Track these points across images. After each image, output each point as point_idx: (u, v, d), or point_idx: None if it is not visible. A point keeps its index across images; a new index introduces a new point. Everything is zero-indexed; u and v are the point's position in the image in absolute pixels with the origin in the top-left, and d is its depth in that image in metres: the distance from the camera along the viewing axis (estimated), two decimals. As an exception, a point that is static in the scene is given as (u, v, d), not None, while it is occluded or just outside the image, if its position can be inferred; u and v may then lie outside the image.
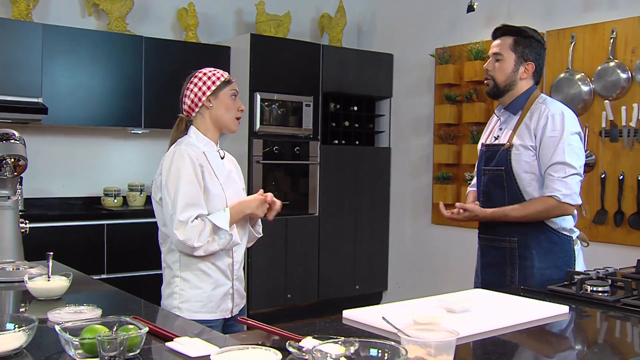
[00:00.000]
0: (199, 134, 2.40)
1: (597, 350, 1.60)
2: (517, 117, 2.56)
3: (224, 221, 2.24)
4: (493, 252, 2.59)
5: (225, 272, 2.35)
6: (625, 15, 4.29)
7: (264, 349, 1.28)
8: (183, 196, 2.22)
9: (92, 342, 1.34)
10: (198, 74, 2.41)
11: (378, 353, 1.31)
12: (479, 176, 2.67)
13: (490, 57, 2.59)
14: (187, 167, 2.25)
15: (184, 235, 2.20)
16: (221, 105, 2.38)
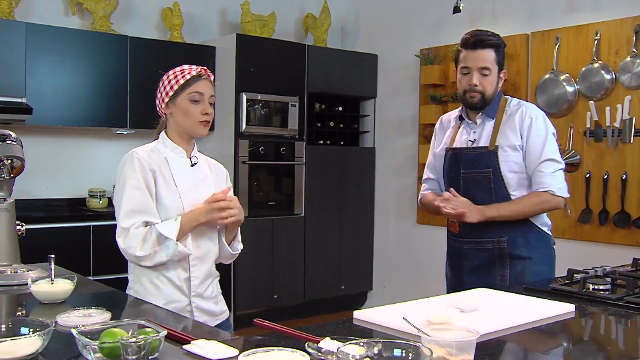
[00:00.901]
0: (166, 138, 2.26)
1: (610, 348, 1.63)
2: (493, 121, 2.60)
3: (171, 230, 2.08)
4: (480, 254, 2.59)
5: (180, 287, 2.17)
6: (608, 17, 4.36)
7: (290, 350, 1.27)
8: (127, 202, 2.10)
9: (112, 346, 1.32)
10: (163, 76, 2.26)
11: (402, 353, 1.31)
12: (452, 180, 2.63)
13: (475, 71, 2.53)
14: (135, 171, 2.12)
15: (125, 243, 2.09)
16: (179, 112, 2.20)
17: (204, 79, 2.22)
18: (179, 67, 2.24)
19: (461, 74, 2.59)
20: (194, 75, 2.20)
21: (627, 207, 4.21)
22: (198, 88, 2.19)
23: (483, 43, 2.52)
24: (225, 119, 5.21)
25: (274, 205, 5.39)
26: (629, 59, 4.20)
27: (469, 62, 2.54)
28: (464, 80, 2.58)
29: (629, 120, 4.20)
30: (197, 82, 2.19)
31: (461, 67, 2.58)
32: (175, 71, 2.23)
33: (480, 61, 2.52)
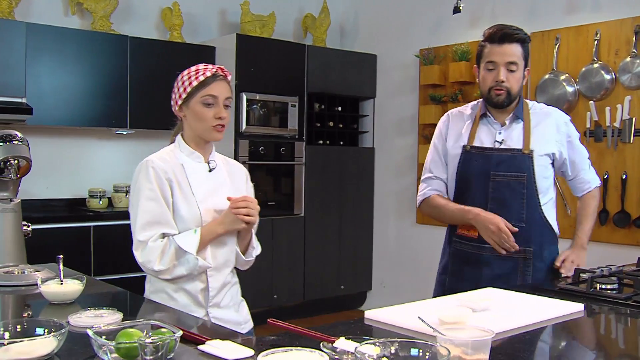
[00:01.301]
0: (182, 142, 2.15)
1: (624, 347, 1.64)
2: (521, 123, 2.48)
3: (190, 243, 2.00)
4: (503, 263, 2.42)
5: (195, 297, 2.08)
6: (608, 17, 4.37)
7: (308, 350, 1.28)
8: (143, 214, 2.01)
9: (129, 347, 1.32)
10: (178, 76, 2.15)
11: (419, 353, 1.32)
12: (477, 181, 2.46)
13: (502, 67, 2.39)
14: (149, 181, 2.03)
15: (143, 256, 2.00)
16: (192, 115, 2.09)
17: (220, 80, 2.09)
18: (194, 66, 2.12)
19: (486, 70, 2.43)
20: (208, 76, 2.07)
21: (627, 207, 4.23)
22: (212, 90, 2.07)
23: (510, 37, 2.39)
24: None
25: (274, 205, 5.39)
26: (628, 59, 4.22)
27: (496, 57, 2.39)
28: (489, 76, 2.42)
29: (629, 120, 4.21)
30: (211, 84, 2.07)
31: (486, 62, 2.42)
32: (189, 71, 2.11)
33: (508, 56, 2.38)
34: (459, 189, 2.51)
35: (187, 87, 2.09)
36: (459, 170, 2.50)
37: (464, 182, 2.50)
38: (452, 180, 2.55)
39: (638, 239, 4.18)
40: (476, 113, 2.55)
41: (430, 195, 2.58)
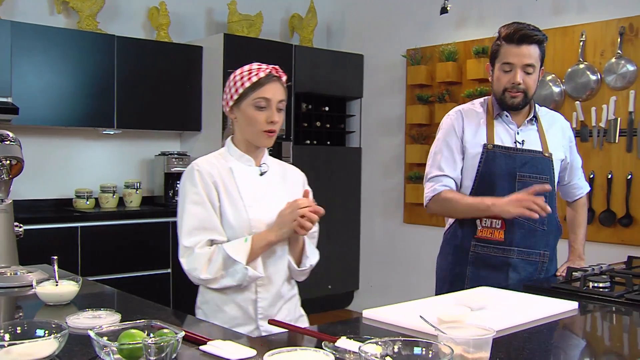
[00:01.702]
0: (231, 145, 2.06)
1: (620, 344, 1.66)
2: (535, 125, 2.46)
3: (240, 252, 1.89)
4: (527, 266, 2.38)
5: (245, 310, 1.98)
6: (593, 19, 4.42)
7: (313, 350, 1.28)
8: (188, 219, 1.93)
9: (132, 348, 1.32)
10: (231, 75, 2.04)
11: (422, 351, 1.33)
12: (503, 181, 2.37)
13: (519, 69, 2.32)
14: (195, 185, 1.94)
15: (189, 264, 1.91)
16: (243, 118, 1.99)
17: (274, 81, 1.99)
18: (248, 65, 2.01)
19: (501, 71, 2.36)
20: (261, 76, 1.96)
21: (612, 206, 4.28)
22: (265, 93, 1.96)
23: (529, 38, 2.31)
24: (214, 119, 5.19)
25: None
26: (613, 60, 4.27)
27: (513, 58, 2.31)
28: (504, 77, 2.35)
29: (614, 120, 4.26)
30: (264, 86, 1.96)
31: (502, 63, 2.35)
32: (242, 71, 2.00)
33: (525, 58, 2.31)
34: (480, 189, 2.41)
35: (239, 88, 1.98)
36: (481, 170, 2.40)
37: (487, 182, 2.40)
38: (470, 179, 2.44)
39: (623, 237, 4.23)
40: (487, 111, 2.47)
41: (441, 191, 2.44)
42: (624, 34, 4.24)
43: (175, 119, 5.19)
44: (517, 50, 2.31)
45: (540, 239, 2.39)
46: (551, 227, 2.42)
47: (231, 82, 2.02)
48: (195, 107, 5.27)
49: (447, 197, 2.42)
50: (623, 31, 4.24)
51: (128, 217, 4.72)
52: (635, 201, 4.19)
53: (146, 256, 4.75)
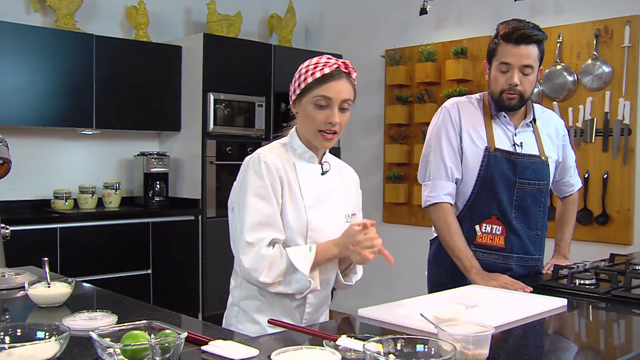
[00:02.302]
0: (296, 138, 1.94)
1: (611, 338, 1.70)
2: (531, 127, 2.44)
3: (305, 263, 1.79)
4: (523, 271, 2.39)
5: (291, 313, 1.92)
6: (570, 21, 4.50)
7: (318, 349, 1.29)
8: (252, 213, 1.80)
9: (136, 349, 1.31)
10: (301, 65, 1.92)
11: (424, 348, 1.35)
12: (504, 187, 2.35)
13: (517, 69, 2.26)
14: (261, 178, 1.82)
15: (252, 262, 1.80)
16: (302, 114, 1.88)
17: (341, 78, 1.85)
18: (317, 57, 1.89)
19: (498, 71, 2.30)
20: (326, 72, 1.83)
21: (589, 205, 4.36)
22: (326, 91, 1.83)
23: (528, 38, 2.23)
24: (193, 119, 5.17)
25: (242, 205, 5.36)
26: (589, 62, 4.35)
27: (510, 58, 2.24)
28: (501, 78, 2.29)
29: (590, 120, 4.35)
30: (328, 83, 1.83)
31: (500, 63, 2.28)
32: (309, 63, 1.89)
33: (524, 58, 2.24)
34: (480, 193, 2.36)
35: (302, 82, 1.87)
36: (482, 173, 2.34)
37: (488, 187, 2.35)
38: (470, 183, 2.38)
39: (600, 235, 4.31)
40: (484, 109, 2.42)
41: (442, 202, 2.38)
42: (599, 36, 4.32)
43: (154, 119, 5.15)
44: (516, 50, 2.24)
45: (536, 244, 2.42)
46: (543, 231, 2.45)
47: (297, 74, 1.91)
48: (174, 107, 5.24)
49: (447, 220, 2.36)
50: (598, 33, 4.33)
51: (108, 218, 4.68)
52: (611, 200, 4.28)
53: (126, 257, 4.71)
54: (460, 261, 2.32)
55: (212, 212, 5.14)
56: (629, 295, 2.01)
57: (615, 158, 4.26)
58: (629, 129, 4.20)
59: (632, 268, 2.37)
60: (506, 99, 2.32)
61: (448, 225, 2.36)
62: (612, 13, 4.28)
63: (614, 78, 4.26)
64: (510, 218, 2.35)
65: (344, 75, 1.86)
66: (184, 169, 5.29)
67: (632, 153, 4.21)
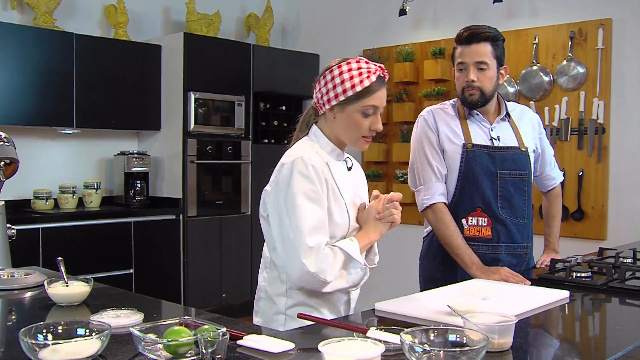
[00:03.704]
0: (322, 138, 1.95)
1: (620, 327, 1.79)
2: (507, 121, 2.54)
3: (358, 252, 1.84)
4: (513, 260, 2.48)
5: (338, 311, 1.95)
6: (545, 23, 4.64)
7: (360, 340, 1.34)
8: (308, 217, 1.79)
9: (180, 344, 1.35)
10: (334, 68, 1.89)
11: (456, 338, 1.41)
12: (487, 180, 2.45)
13: (471, 66, 2.39)
14: (310, 182, 1.82)
15: (317, 265, 1.78)
16: (345, 121, 1.88)
17: (383, 85, 1.89)
18: (356, 62, 1.88)
19: (458, 71, 2.46)
20: (373, 81, 1.85)
21: (565, 202, 4.49)
22: (374, 100, 1.87)
23: (478, 36, 2.39)
24: (174, 119, 5.17)
25: (222, 204, 5.39)
26: (565, 63, 4.50)
27: (465, 57, 2.41)
28: (461, 77, 2.44)
29: (566, 120, 4.49)
30: (376, 92, 1.87)
31: (457, 63, 2.45)
32: (351, 69, 1.86)
33: (476, 55, 2.39)
34: (463, 188, 2.47)
35: (348, 89, 1.85)
36: (463, 169, 2.46)
37: (470, 181, 2.45)
38: (452, 181, 2.49)
39: (575, 231, 4.46)
40: (458, 111, 2.54)
41: (438, 202, 2.48)
42: (574, 38, 4.47)
43: (134, 118, 5.14)
44: (468, 49, 2.41)
45: (523, 232, 2.51)
46: (530, 219, 2.55)
47: (336, 78, 1.87)
48: (154, 106, 5.23)
49: (445, 220, 2.44)
50: (573, 35, 4.47)
51: (90, 218, 4.65)
52: (586, 196, 4.43)
53: (109, 257, 4.69)
54: (460, 258, 2.41)
55: (193, 211, 5.15)
56: (624, 286, 2.12)
57: (590, 156, 4.41)
58: (603, 128, 4.36)
59: (621, 261, 2.49)
60: (467, 95, 2.44)
61: (446, 224, 2.45)
62: (586, 16, 4.43)
63: (589, 79, 4.41)
64: (494, 208, 2.45)
65: (384, 82, 1.91)
66: (164, 168, 5.28)
67: (605, 151, 4.37)
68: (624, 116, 4.32)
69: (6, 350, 1.46)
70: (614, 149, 4.36)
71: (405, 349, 1.34)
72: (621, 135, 4.33)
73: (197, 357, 1.36)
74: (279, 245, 1.87)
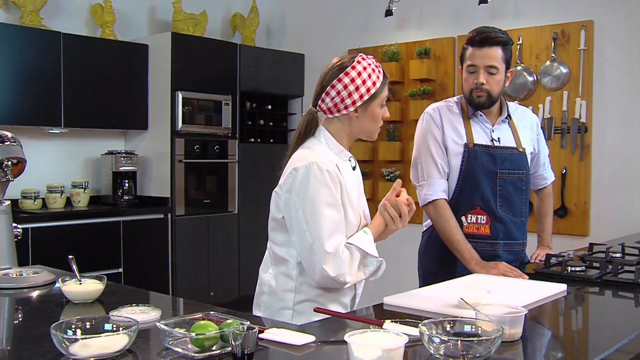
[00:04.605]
0: (331, 139, 2.01)
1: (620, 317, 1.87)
2: (507, 122, 2.62)
3: (372, 246, 1.93)
4: (510, 257, 2.55)
5: (345, 305, 2.01)
6: (528, 24, 4.75)
7: (382, 331, 1.40)
8: (327, 222, 1.86)
9: (207, 337, 1.39)
10: (350, 70, 1.94)
11: (472, 329, 1.48)
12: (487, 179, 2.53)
13: (481, 69, 2.46)
14: (327, 186, 1.87)
15: (336, 270, 1.85)
16: (369, 117, 1.98)
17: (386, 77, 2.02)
18: (365, 61, 1.96)
19: (467, 73, 2.51)
20: (382, 74, 1.99)
21: (548, 198, 4.61)
22: (387, 90, 2.00)
23: (491, 40, 2.45)
24: (161, 118, 5.18)
25: (209, 203, 5.41)
26: (548, 63, 4.60)
27: (476, 60, 2.46)
28: (470, 78, 2.50)
29: (550, 119, 4.60)
30: (386, 84, 2.00)
31: (467, 65, 2.50)
32: (365, 67, 1.95)
33: (487, 59, 2.45)
34: (463, 186, 2.54)
35: (370, 88, 1.94)
36: (464, 168, 2.53)
37: (470, 180, 2.53)
38: (454, 178, 2.56)
39: (559, 227, 4.56)
40: (462, 110, 2.60)
41: (440, 199, 2.55)
42: (557, 39, 4.58)
43: (122, 117, 5.14)
44: (480, 52, 2.46)
45: (520, 229, 2.60)
46: (526, 217, 2.64)
47: (357, 80, 1.94)
48: (141, 105, 5.24)
49: (446, 216, 2.52)
50: (556, 36, 4.58)
51: (79, 217, 4.65)
52: (569, 194, 4.55)
53: (98, 256, 4.69)
54: (460, 253, 2.48)
55: (181, 210, 5.17)
56: (617, 279, 2.21)
57: (573, 154, 4.53)
58: (585, 127, 4.47)
59: (611, 256, 2.58)
60: (475, 97, 2.51)
61: (447, 219, 2.52)
62: (569, 18, 4.54)
63: (571, 79, 4.52)
64: (493, 207, 2.52)
65: None
66: (151, 167, 5.29)
67: (588, 149, 4.48)
68: (606, 115, 4.44)
69: (35, 345, 1.49)
70: (596, 148, 4.48)
71: (425, 339, 1.40)
72: (603, 134, 4.45)
73: (220, 350, 1.40)
74: (298, 248, 1.93)
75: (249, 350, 1.32)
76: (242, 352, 1.32)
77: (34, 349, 1.46)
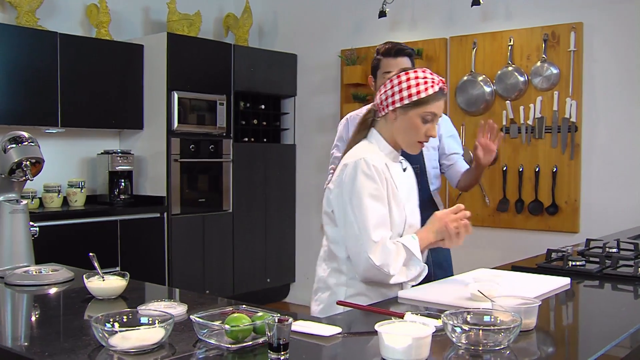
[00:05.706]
0: (381, 140, 2.10)
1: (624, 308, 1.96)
2: None
3: (418, 250, 1.98)
4: None
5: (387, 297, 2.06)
6: (519, 26, 4.85)
7: (409, 321, 1.48)
8: (373, 214, 1.94)
9: (242, 329, 1.46)
10: (403, 75, 2.04)
11: (491, 319, 1.56)
12: None
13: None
14: (374, 180, 1.97)
15: (381, 259, 1.93)
16: (405, 124, 2.04)
17: (443, 97, 2.05)
18: (422, 72, 2.04)
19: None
20: (437, 90, 2.02)
21: (539, 197, 4.72)
22: (434, 108, 2.02)
23: (403, 51, 2.81)
24: (157, 118, 5.21)
25: (204, 202, 5.46)
26: (539, 64, 4.71)
27: (392, 67, 2.71)
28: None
29: (540, 118, 4.71)
30: (438, 101, 2.03)
31: (383, 72, 2.82)
32: (417, 77, 2.02)
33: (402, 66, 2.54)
34: None
35: (413, 94, 2.01)
36: None
37: None
38: None
39: (550, 224, 4.69)
40: None
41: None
42: (547, 40, 4.69)
43: (117, 117, 5.17)
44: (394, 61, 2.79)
45: None
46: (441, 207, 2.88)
47: (403, 84, 2.02)
48: (137, 105, 5.27)
49: None
50: (546, 38, 4.69)
51: (76, 217, 4.67)
52: (559, 192, 4.66)
53: (95, 255, 4.71)
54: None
55: (177, 209, 5.21)
56: (617, 272, 2.30)
57: (563, 153, 4.64)
58: (575, 126, 4.59)
59: (608, 251, 2.67)
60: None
61: None
62: (559, 20, 4.65)
63: (562, 79, 4.63)
64: None
65: (445, 94, 2.07)
66: (147, 166, 5.33)
67: (578, 148, 4.60)
68: (595, 115, 4.56)
69: (75, 338, 1.55)
70: (586, 146, 4.59)
71: (449, 329, 1.48)
72: (592, 133, 4.57)
73: (252, 342, 1.47)
74: (345, 240, 2.01)
75: (284, 341, 1.39)
76: (278, 342, 1.39)
77: (74, 342, 1.51)
